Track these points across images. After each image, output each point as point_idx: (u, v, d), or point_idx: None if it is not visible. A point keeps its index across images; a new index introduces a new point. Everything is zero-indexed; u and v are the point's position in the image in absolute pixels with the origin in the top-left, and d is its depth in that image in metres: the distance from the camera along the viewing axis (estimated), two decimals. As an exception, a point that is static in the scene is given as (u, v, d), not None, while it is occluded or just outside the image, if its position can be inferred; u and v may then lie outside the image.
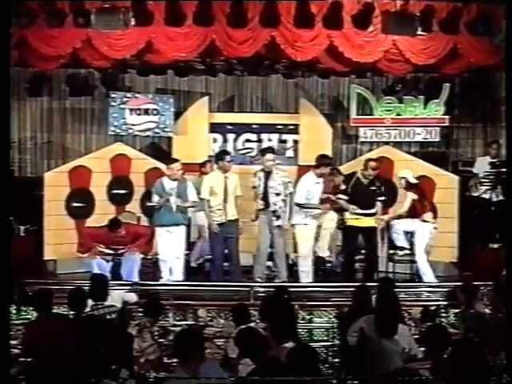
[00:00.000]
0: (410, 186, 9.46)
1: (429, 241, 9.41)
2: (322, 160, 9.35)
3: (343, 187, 9.49)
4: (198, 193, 9.28)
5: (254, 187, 9.39)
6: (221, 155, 9.56)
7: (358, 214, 9.35)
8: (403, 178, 9.53)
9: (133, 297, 7.61)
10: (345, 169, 10.46)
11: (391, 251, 9.90)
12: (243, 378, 4.90)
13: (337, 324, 7.88)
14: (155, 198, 9.19)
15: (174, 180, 9.16)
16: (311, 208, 9.17)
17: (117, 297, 7.20)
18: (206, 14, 9.59)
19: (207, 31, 9.66)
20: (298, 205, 9.17)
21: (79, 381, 4.46)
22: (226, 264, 9.48)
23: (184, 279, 9.30)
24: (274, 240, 9.28)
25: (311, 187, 9.25)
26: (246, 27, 9.64)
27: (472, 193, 10.60)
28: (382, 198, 9.53)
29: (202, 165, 10.27)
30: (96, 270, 8.70)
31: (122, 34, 9.53)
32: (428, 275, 9.36)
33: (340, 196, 9.45)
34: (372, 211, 9.41)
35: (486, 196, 10.40)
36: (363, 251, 9.62)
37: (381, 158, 10.16)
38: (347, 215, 9.47)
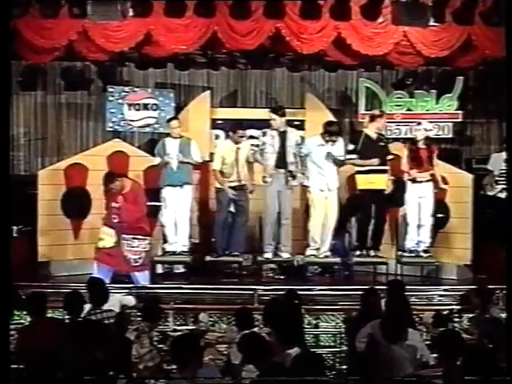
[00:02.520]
0: None
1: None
2: (327, 127, 9.46)
3: (351, 147, 9.54)
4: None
5: (257, 145, 9.61)
6: (234, 128, 9.71)
7: (371, 170, 9.42)
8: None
9: (131, 300, 7.61)
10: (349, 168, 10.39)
11: (399, 253, 9.88)
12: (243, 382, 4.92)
13: (344, 329, 7.87)
14: (157, 159, 9.60)
15: (176, 138, 9.52)
16: None
17: (115, 300, 7.20)
18: (207, 5, 9.61)
19: (209, 23, 9.67)
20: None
21: (75, 388, 4.47)
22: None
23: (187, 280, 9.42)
24: (282, 202, 9.43)
25: (314, 149, 9.41)
26: (250, 18, 9.65)
27: (487, 191, 10.57)
28: (390, 157, 9.58)
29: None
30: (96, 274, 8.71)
31: (120, 25, 9.55)
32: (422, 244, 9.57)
33: (350, 156, 9.50)
34: (382, 168, 9.48)
35: (502, 195, 10.37)
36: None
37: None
38: (358, 178, 9.53)
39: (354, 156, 9.48)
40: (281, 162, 9.40)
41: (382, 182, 9.52)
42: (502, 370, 4.70)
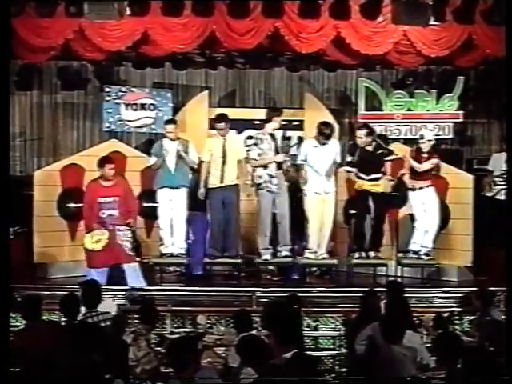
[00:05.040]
0: None
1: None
2: (321, 129, 9.36)
3: (349, 159, 9.54)
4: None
5: (260, 154, 9.37)
6: (216, 119, 9.68)
7: (368, 180, 9.43)
8: None
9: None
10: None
11: (399, 254, 9.88)
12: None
13: (344, 331, 7.87)
14: (152, 159, 9.52)
15: (174, 140, 9.45)
16: None
17: (111, 303, 7.19)
18: (205, 4, 9.61)
19: (207, 22, 9.67)
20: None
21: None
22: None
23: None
24: (279, 204, 9.36)
25: (310, 151, 9.38)
26: (248, 17, 9.65)
27: (486, 192, 10.55)
28: (391, 158, 9.53)
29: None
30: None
31: (117, 24, 9.55)
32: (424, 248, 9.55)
33: (347, 168, 9.52)
34: (379, 175, 9.46)
35: (501, 196, 10.36)
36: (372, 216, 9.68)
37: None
38: (357, 180, 9.53)
39: (353, 169, 9.50)
40: (278, 164, 9.35)
41: (380, 186, 9.53)
42: (503, 372, 4.70)
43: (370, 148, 9.50)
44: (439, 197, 9.73)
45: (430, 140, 9.63)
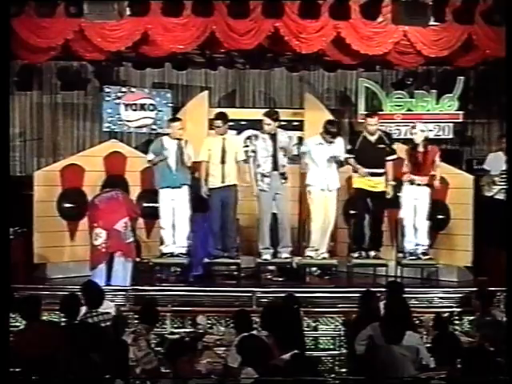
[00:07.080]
0: None
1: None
2: (328, 127, 9.42)
3: (349, 147, 9.57)
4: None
5: (254, 151, 9.52)
6: (214, 118, 9.75)
7: (368, 175, 9.45)
8: None
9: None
10: (348, 168, 10.37)
11: (399, 255, 9.88)
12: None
13: (344, 331, 7.88)
14: (150, 156, 9.52)
15: (175, 139, 9.44)
16: None
17: (109, 304, 7.19)
18: (205, 4, 9.60)
19: (207, 22, 9.66)
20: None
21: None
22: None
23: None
24: (279, 204, 9.40)
25: (313, 148, 9.43)
26: (248, 18, 9.64)
27: (485, 192, 10.54)
28: (392, 157, 9.55)
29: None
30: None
31: (117, 24, 9.54)
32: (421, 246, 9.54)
33: (347, 155, 9.52)
34: (381, 171, 9.48)
35: (501, 196, 10.35)
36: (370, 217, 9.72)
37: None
38: (355, 176, 9.56)
39: (351, 156, 9.51)
40: (274, 164, 9.39)
41: (379, 185, 9.53)
42: (503, 372, 4.71)
43: (372, 139, 9.52)
44: (439, 197, 9.74)
45: (422, 130, 9.64)
